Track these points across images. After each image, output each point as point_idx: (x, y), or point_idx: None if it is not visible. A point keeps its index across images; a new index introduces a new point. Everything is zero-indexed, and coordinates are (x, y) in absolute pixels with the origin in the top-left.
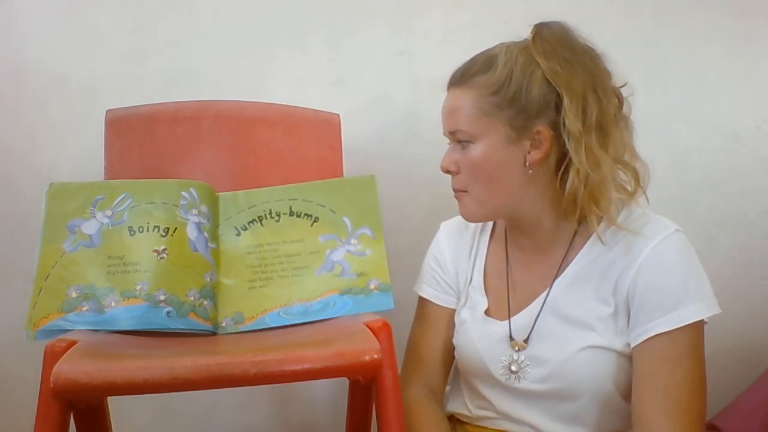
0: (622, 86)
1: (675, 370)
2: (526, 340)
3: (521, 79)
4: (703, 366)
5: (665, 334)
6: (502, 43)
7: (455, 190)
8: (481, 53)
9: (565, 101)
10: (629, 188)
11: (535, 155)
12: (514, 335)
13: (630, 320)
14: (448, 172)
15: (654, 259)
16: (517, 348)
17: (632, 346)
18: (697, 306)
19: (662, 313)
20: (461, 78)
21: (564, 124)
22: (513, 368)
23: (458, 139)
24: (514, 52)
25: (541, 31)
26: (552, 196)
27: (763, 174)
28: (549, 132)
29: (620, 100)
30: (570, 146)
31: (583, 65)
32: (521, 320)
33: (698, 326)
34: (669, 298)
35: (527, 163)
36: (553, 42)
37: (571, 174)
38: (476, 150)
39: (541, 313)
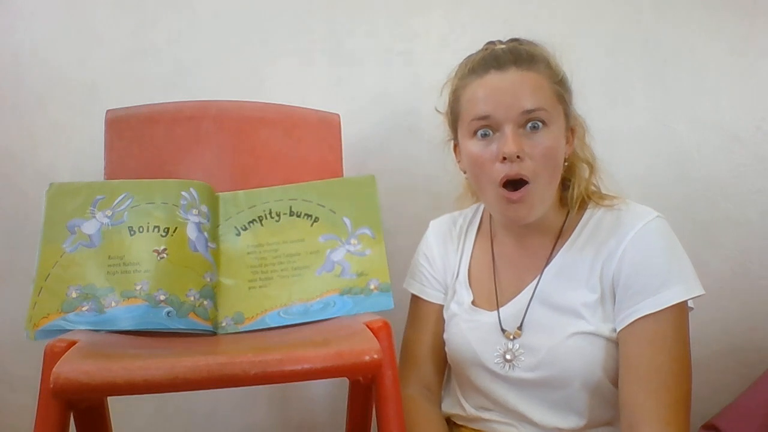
0: None
1: (660, 352)
2: (519, 328)
3: (566, 78)
4: (687, 348)
5: (650, 317)
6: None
7: (518, 185)
8: (522, 44)
9: (571, 103)
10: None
11: (568, 150)
12: (504, 325)
13: (615, 305)
14: (516, 158)
15: (637, 244)
16: (511, 336)
17: (618, 329)
18: (680, 288)
19: (646, 296)
20: (529, 60)
21: (577, 121)
22: (508, 357)
23: (532, 119)
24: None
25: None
26: (556, 190)
27: (763, 174)
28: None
29: None
30: (581, 139)
31: None
32: (510, 310)
33: (682, 308)
34: (652, 281)
35: (565, 156)
36: None
37: (580, 168)
38: (549, 134)
39: (532, 302)
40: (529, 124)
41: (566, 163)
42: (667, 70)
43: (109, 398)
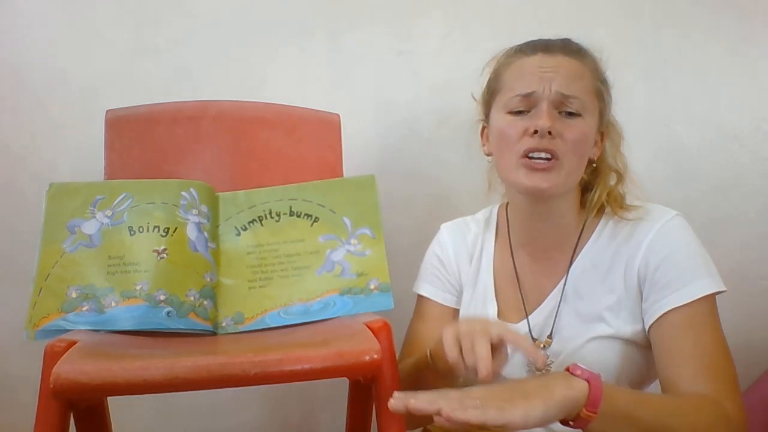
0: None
1: (698, 335)
2: (550, 336)
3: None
4: (723, 335)
5: (682, 307)
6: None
7: (544, 157)
8: (573, 40)
9: (609, 107)
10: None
11: (596, 152)
12: (534, 333)
13: (643, 301)
14: (548, 133)
15: (660, 240)
16: (542, 345)
17: (649, 324)
18: (708, 281)
19: (676, 288)
20: (579, 51)
21: (614, 126)
22: (539, 365)
23: (567, 105)
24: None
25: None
26: (577, 192)
27: (763, 174)
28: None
29: None
30: (611, 149)
31: None
32: (537, 318)
33: (712, 300)
34: (682, 275)
35: (593, 157)
36: None
37: (608, 172)
38: (583, 124)
39: (560, 308)
40: (565, 110)
41: (594, 165)
42: (667, 70)
43: (109, 398)
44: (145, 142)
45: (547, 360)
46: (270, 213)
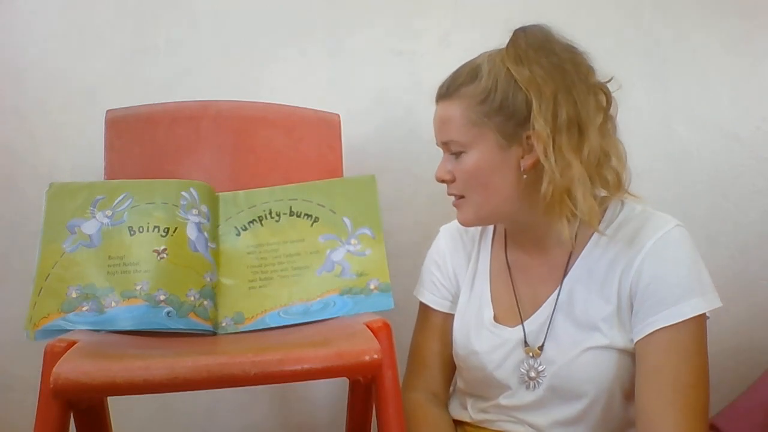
0: (607, 81)
1: (679, 362)
2: (542, 346)
3: (506, 87)
4: (706, 360)
5: (668, 328)
6: (485, 53)
7: (454, 196)
8: (465, 65)
9: (534, 105)
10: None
11: (528, 160)
12: (528, 339)
13: (633, 315)
14: (443, 181)
15: (656, 254)
16: (531, 354)
17: (635, 340)
18: (699, 300)
19: (665, 307)
20: (448, 90)
21: (534, 128)
22: (531, 374)
23: (451, 149)
24: (497, 61)
25: (517, 36)
26: (542, 204)
27: (763, 174)
28: None
29: (607, 97)
30: (539, 149)
31: (557, 66)
32: (532, 325)
33: (701, 320)
34: (671, 292)
35: (522, 168)
36: (526, 46)
37: (544, 177)
38: (469, 159)
39: (554, 316)
40: (454, 152)
41: (525, 176)
42: (667, 70)
43: (109, 398)
44: (145, 142)
45: (540, 368)
46: (270, 213)
